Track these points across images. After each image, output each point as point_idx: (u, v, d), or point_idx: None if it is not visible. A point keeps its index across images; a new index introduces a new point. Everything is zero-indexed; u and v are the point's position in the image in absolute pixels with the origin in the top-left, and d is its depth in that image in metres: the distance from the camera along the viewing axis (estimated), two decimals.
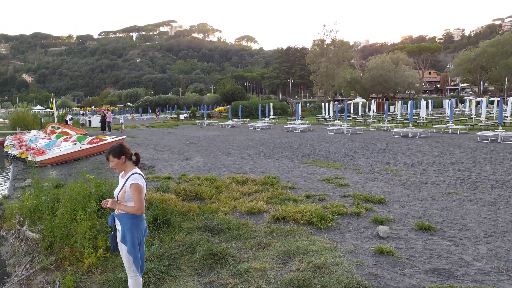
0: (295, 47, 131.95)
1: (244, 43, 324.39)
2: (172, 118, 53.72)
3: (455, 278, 3.86)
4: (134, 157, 3.64)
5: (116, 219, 3.57)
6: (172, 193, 7.29)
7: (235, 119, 38.06)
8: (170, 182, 8.58)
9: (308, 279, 3.84)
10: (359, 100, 54.94)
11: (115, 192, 3.60)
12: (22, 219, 6.17)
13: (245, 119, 40.59)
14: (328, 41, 60.28)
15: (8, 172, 17.71)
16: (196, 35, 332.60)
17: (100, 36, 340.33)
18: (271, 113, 37.86)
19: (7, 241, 6.41)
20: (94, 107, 78.38)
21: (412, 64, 70.69)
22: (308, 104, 75.64)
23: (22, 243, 5.73)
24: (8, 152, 21.78)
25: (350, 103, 45.41)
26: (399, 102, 39.22)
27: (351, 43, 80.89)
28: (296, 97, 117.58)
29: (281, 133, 24.66)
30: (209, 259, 4.55)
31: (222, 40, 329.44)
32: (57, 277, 4.50)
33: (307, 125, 28.17)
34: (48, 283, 4.51)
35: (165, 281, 4.17)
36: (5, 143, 25.46)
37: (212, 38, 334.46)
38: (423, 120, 27.88)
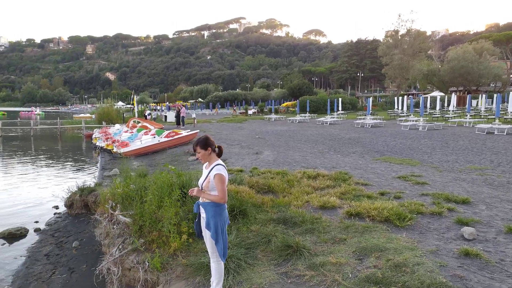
0: (366, 39, 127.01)
1: (312, 37, 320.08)
2: (240, 113, 55.00)
3: None
4: (217, 150, 3.86)
5: (200, 207, 3.83)
6: (245, 186, 7.53)
7: (303, 114, 37.86)
8: (243, 175, 8.86)
9: (387, 277, 3.77)
10: (437, 93, 51.40)
11: (200, 182, 3.85)
12: (114, 204, 6.84)
13: (312, 114, 40.20)
14: (402, 31, 57.14)
15: (97, 162, 19.59)
16: (264, 31, 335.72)
17: (175, 35, 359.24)
18: (340, 108, 37.02)
19: (101, 223, 7.15)
20: (169, 103, 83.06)
21: (499, 54, 64.02)
22: (379, 99, 72.55)
23: (115, 226, 6.36)
24: (96, 144, 24.08)
25: (427, 97, 42.60)
26: (483, 95, 35.90)
27: (428, 33, 75.59)
28: (366, 91, 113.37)
29: (350, 129, 24.04)
30: (285, 250, 4.65)
31: (289, 35, 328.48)
32: (146, 258, 4.94)
33: (379, 120, 27.09)
34: (138, 263, 4.97)
35: (243, 268, 4.37)
36: (93, 136, 28.17)
37: (280, 33, 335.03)
38: (511, 115, 25.26)
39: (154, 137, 19.95)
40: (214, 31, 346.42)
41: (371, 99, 38.79)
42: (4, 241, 8.10)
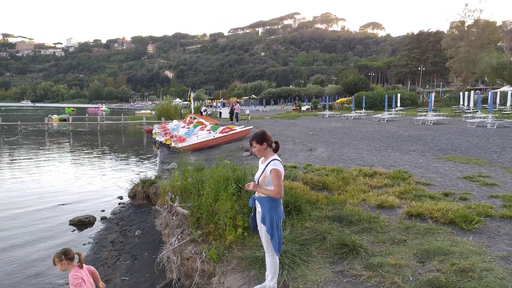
0: (428, 31, 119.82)
1: (369, 30, 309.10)
2: (293, 109, 54.71)
3: None
4: (274, 145, 3.87)
5: (256, 201, 3.87)
6: (299, 182, 7.49)
7: (358, 111, 36.76)
8: (297, 171, 8.81)
9: (451, 282, 3.55)
10: (507, 88, 47.19)
11: (256, 176, 3.89)
12: (173, 196, 7.14)
13: (369, 111, 38.89)
14: (469, 22, 53.22)
15: (156, 156, 20.57)
16: (319, 25, 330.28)
17: (230, 33, 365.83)
18: (398, 104, 35.45)
19: (161, 214, 7.50)
20: (223, 100, 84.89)
21: None
22: (442, 94, 68.35)
23: (174, 217, 6.64)
24: (156, 139, 25.29)
25: (496, 92, 39.34)
26: None
27: (499, 23, 69.53)
28: (427, 86, 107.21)
29: (410, 126, 22.92)
30: (340, 249, 4.56)
31: (345, 29, 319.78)
32: (204, 249, 5.10)
33: (442, 117, 25.53)
34: (196, 254, 5.15)
35: (297, 264, 4.35)
36: (153, 131, 29.62)
37: (335, 27, 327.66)
38: None
39: (210, 132, 20.50)
40: (268, 27, 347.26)
41: (433, 94, 36.64)
42: (75, 227, 8.80)
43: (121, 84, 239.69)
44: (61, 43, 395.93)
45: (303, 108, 52.30)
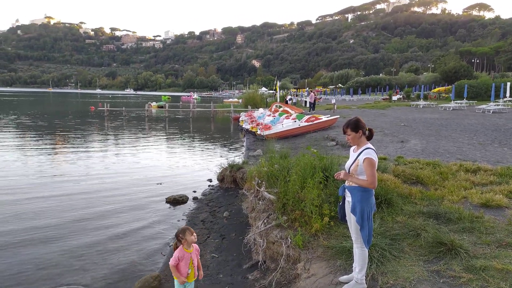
0: None
1: (474, 12, 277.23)
2: (383, 99, 51.97)
3: None
4: (368, 132, 3.71)
5: (346, 190, 3.76)
6: (390, 174, 7.11)
7: (459, 101, 33.45)
8: (387, 163, 8.38)
9: None
10: None
11: (347, 165, 3.78)
12: (260, 181, 7.33)
13: (471, 101, 35.18)
14: None
15: (243, 142, 21.28)
16: (416, 9, 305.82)
17: (318, 21, 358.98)
18: (507, 94, 31.38)
19: (248, 198, 7.77)
20: (309, 89, 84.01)
21: None
22: None
23: (260, 202, 6.82)
24: (242, 126, 26.14)
25: None
26: None
27: None
28: None
29: None
30: (436, 247, 4.24)
31: (446, 11, 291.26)
32: (289, 234, 5.16)
33: None
34: (281, 238, 5.23)
35: (387, 259, 4.16)
36: (240, 119, 30.64)
37: (435, 10, 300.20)
38: None
39: (295, 121, 20.50)
40: (359, 13, 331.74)
41: None
42: (170, 205, 9.56)
43: (211, 73, 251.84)
44: (159, 36, 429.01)
45: (394, 98, 49.33)
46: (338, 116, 22.48)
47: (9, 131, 24.29)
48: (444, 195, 6.04)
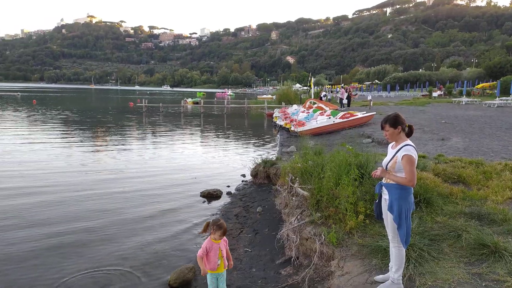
0: None
1: None
2: (423, 95, 50.13)
3: None
4: (407, 129, 3.60)
5: (384, 188, 3.66)
6: (430, 173, 6.87)
7: (505, 98, 31.63)
8: (426, 161, 8.10)
9: None
10: None
11: (384, 162, 3.68)
12: (293, 177, 7.30)
13: None
14: None
15: (276, 138, 21.26)
16: (458, 1, 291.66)
17: (354, 15, 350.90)
18: None
19: (281, 194, 7.75)
20: (344, 85, 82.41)
21: None
22: None
23: (293, 198, 6.79)
24: (276, 123, 26.10)
25: None
26: None
27: None
28: None
29: None
30: (478, 249, 4.06)
31: (492, 3, 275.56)
32: (323, 231, 5.10)
33: None
34: (315, 235, 5.19)
35: (426, 260, 4.03)
36: (274, 115, 30.59)
37: (480, 3, 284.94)
38: None
39: (329, 117, 20.23)
40: (398, 6, 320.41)
41: None
42: (205, 199, 9.73)
43: (245, 70, 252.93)
44: (195, 33, 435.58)
45: (435, 94, 47.43)
46: (375, 112, 21.93)
47: (55, 126, 25.62)
48: (488, 195, 5.77)
